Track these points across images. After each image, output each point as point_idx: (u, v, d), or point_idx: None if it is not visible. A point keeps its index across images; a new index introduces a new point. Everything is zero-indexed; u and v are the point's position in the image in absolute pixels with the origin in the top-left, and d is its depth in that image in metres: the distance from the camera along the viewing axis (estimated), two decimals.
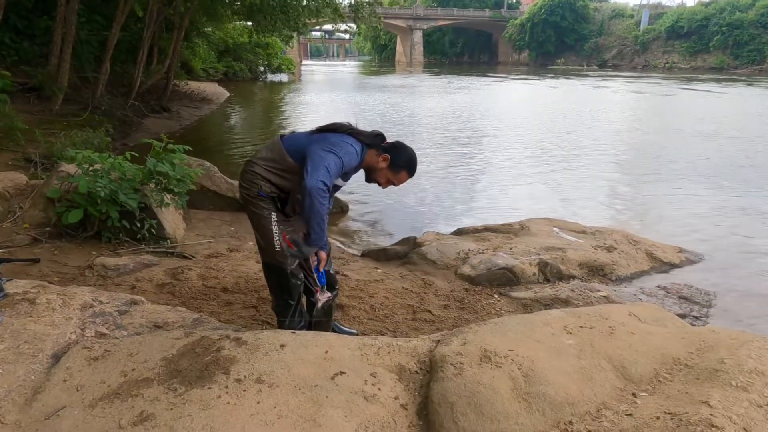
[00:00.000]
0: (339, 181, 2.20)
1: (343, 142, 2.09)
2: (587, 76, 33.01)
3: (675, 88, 23.19)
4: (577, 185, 7.17)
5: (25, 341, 1.75)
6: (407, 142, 2.33)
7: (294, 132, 2.27)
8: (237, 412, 1.46)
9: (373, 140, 2.20)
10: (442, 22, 60.16)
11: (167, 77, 13.25)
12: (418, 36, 59.84)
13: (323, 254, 2.22)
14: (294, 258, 2.22)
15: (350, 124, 2.20)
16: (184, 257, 3.68)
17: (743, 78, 30.26)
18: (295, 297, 2.28)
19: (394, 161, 2.21)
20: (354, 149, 2.11)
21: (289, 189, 2.17)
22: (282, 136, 2.22)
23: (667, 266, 4.01)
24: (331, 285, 2.49)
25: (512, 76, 32.88)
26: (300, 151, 2.10)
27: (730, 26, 39.48)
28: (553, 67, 45.69)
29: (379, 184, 2.28)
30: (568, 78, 30.92)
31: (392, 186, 2.30)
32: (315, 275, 2.22)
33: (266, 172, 2.13)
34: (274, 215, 2.16)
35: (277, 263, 2.20)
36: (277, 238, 2.15)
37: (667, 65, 42.28)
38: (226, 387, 1.55)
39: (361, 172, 2.30)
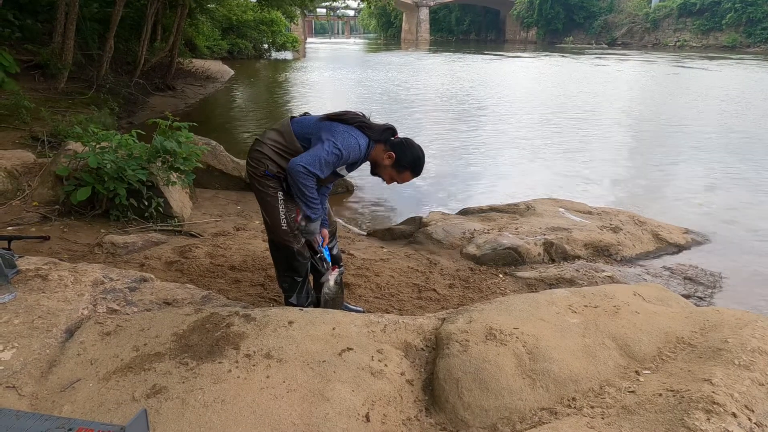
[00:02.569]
0: (342, 171, 2.18)
1: (348, 135, 2.06)
2: (595, 54, 32.47)
3: (685, 66, 22.80)
4: (583, 165, 7.12)
5: (39, 316, 1.79)
6: (411, 120, 2.31)
7: (306, 114, 2.25)
8: (247, 385, 1.49)
9: (382, 135, 2.15)
10: None
11: (171, 55, 13.14)
12: (424, 13, 58.82)
13: (325, 231, 2.31)
14: (301, 236, 2.24)
15: (363, 115, 2.17)
16: (192, 236, 3.71)
17: (756, 57, 29.66)
18: (301, 274, 2.31)
19: (398, 160, 2.15)
20: (358, 143, 2.08)
21: None
22: (292, 117, 2.21)
23: (673, 247, 4.01)
24: (336, 262, 2.52)
25: (520, 55, 32.41)
26: (307, 135, 2.10)
27: (744, 3, 38.46)
28: (561, 45, 44.95)
29: (383, 179, 2.26)
30: (575, 56, 30.44)
31: (395, 183, 2.27)
32: (322, 252, 2.26)
33: (273, 153, 2.13)
34: (280, 194, 2.16)
35: (284, 242, 2.21)
36: (284, 217, 2.16)
37: (678, 43, 41.41)
38: (236, 362, 1.58)
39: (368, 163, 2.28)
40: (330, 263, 2.36)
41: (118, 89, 10.20)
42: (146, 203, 3.72)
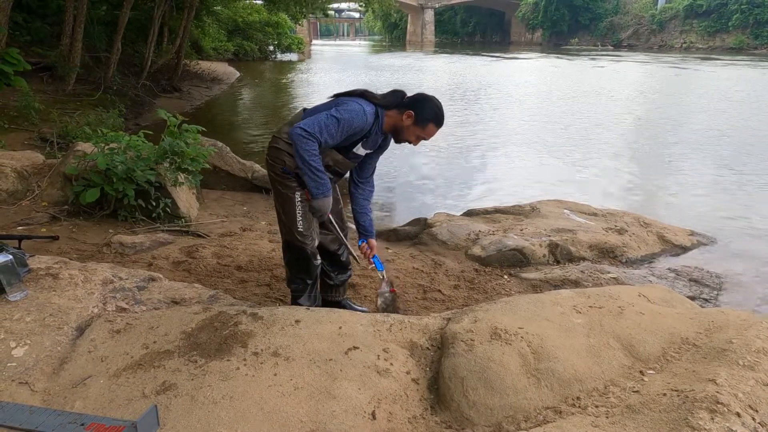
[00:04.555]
0: (359, 149, 2.16)
1: (351, 102, 2.04)
2: (601, 56, 32.40)
3: (691, 68, 22.71)
4: (589, 167, 7.12)
5: (50, 314, 1.82)
6: None
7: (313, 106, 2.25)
8: (255, 383, 1.51)
9: (392, 99, 2.13)
10: (454, 1, 59.08)
11: (178, 57, 13.24)
12: (429, 15, 58.89)
13: (372, 241, 2.31)
14: (313, 238, 2.24)
15: (366, 90, 2.15)
16: (199, 236, 3.75)
17: (764, 58, 29.49)
18: (312, 276, 2.31)
19: (419, 116, 2.11)
20: (363, 109, 2.03)
21: None
22: (305, 109, 2.20)
23: (678, 249, 4.01)
24: (344, 266, 2.53)
25: (516, 56, 32.41)
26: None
27: (750, 4, 38.25)
28: (566, 47, 44.89)
29: (410, 143, 2.20)
30: (580, 58, 30.38)
31: (423, 141, 2.21)
32: (372, 263, 2.32)
33: (288, 145, 2.10)
34: (298, 194, 2.14)
35: (299, 243, 2.20)
36: (300, 218, 2.15)
37: (684, 45, 41.26)
38: (244, 359, 1.61)
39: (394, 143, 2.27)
40: (381, 273, 2.37)
41: (125, 91, 10.29)
42: (154, 204, 3.75)
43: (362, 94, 2.10)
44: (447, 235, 3.90)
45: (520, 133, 9.42)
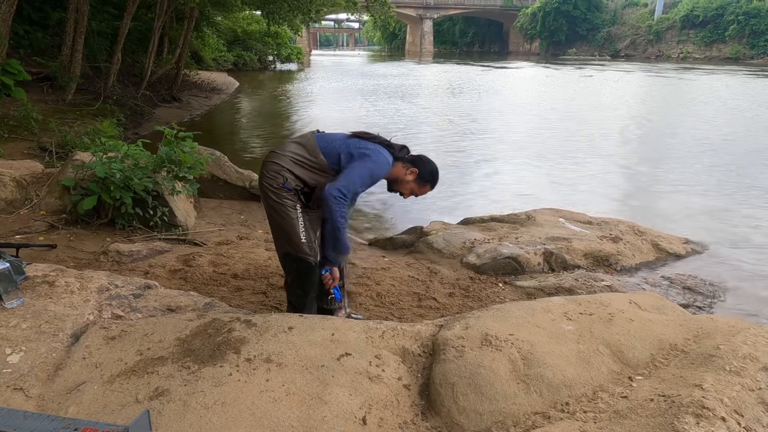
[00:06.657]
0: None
1: (379, 152, 2.15)
2: (598, 65, 32.65)
3: (688, 77, 22.87)
4: (584, 175, 7.16)
5: (46, 321, 1.83)
6: (413, 132, 2.39)
7: (322, 131, 2.31)
8: (247, 388, 1.53)
9: (400, 153, 2.27)
10: (452, 12, 59.67)
11: (177, 67, 13.33)
12: (428, 25, 59.38)
13: (336, 271, 2.30)
14: (316, 251, 2.25)
15: (390, 141, 2.27)
16: (195, 244, 3.77)
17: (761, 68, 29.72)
18: (314, 289, 2.32)
19: (421, 175, 2.28)
20: (387, 161, 2.18)
21: (314, 185, 2.19)
22: (318, 131, 2.27)
23: (673, 257, 4.03)
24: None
25: (506, 65, 32.69)
26: (334, 152, 2.15)
27: (746, 15, 38.73)
28: (564, 57, 45.26)
29: (401, 195, 2.34)
30: (569, 68, 30.60)
31: (413, 197, 2.37)
32: (332, 293, 2.30)
33: (294, 165, 2.14)
34: (299, 207, 2.17)
35: (303, 255, 2.20)
36: (302, 230, 2.17)
37: (681, 55, 41.66)
38: (237, 365, 1.62)
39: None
40: (339, 303, 2.37)
41: (125, 100, 10.36)
42: (151, 212, 3.77)
43: (385, 144, 2.23)
44: (442, 244, 3.92)
45: (514, 141, 9.48)
